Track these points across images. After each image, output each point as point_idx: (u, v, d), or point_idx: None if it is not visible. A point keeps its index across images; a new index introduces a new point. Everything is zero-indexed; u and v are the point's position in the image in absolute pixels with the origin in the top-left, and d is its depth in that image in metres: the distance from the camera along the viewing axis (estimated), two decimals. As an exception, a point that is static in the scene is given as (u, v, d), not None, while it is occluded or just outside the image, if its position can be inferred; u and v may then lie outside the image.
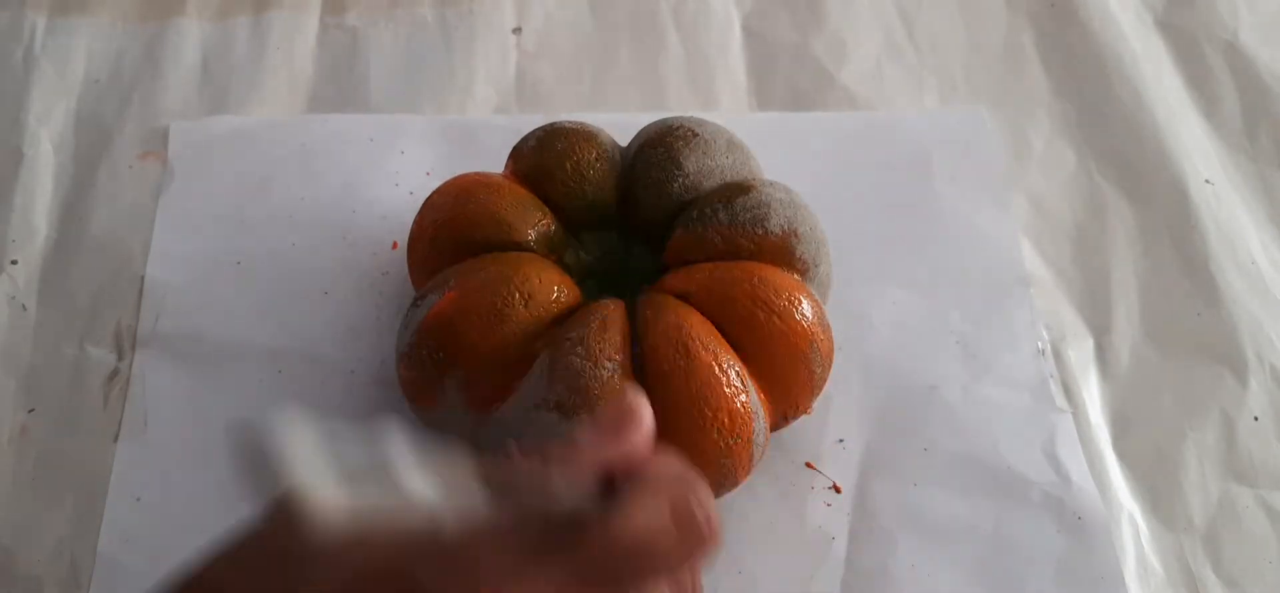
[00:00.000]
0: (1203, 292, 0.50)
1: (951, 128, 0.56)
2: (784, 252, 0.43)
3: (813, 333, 0.41)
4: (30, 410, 0.46)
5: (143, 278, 0.50)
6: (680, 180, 0.44)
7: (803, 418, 0.44)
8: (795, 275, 0.43)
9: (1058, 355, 0.48)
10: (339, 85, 0.57)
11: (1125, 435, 0.47)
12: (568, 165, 0.45)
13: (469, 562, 0.26)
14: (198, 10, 0.60)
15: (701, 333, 0.40)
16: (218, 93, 0.57)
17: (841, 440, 0.46)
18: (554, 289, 0.41)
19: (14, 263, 0.50)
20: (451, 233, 0.44)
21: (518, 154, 0.47)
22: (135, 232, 0.51)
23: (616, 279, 0.44)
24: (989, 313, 0.49)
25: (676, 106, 0.57)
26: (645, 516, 0.27)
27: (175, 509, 0.44)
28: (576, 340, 0.39)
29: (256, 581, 0.27)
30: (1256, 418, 0.47)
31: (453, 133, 0.55)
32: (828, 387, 0.44)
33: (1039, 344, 0.48)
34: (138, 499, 0.44)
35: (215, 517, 0.44)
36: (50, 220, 0.52)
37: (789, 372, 0.41)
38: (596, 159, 0.45)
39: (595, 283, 0.44)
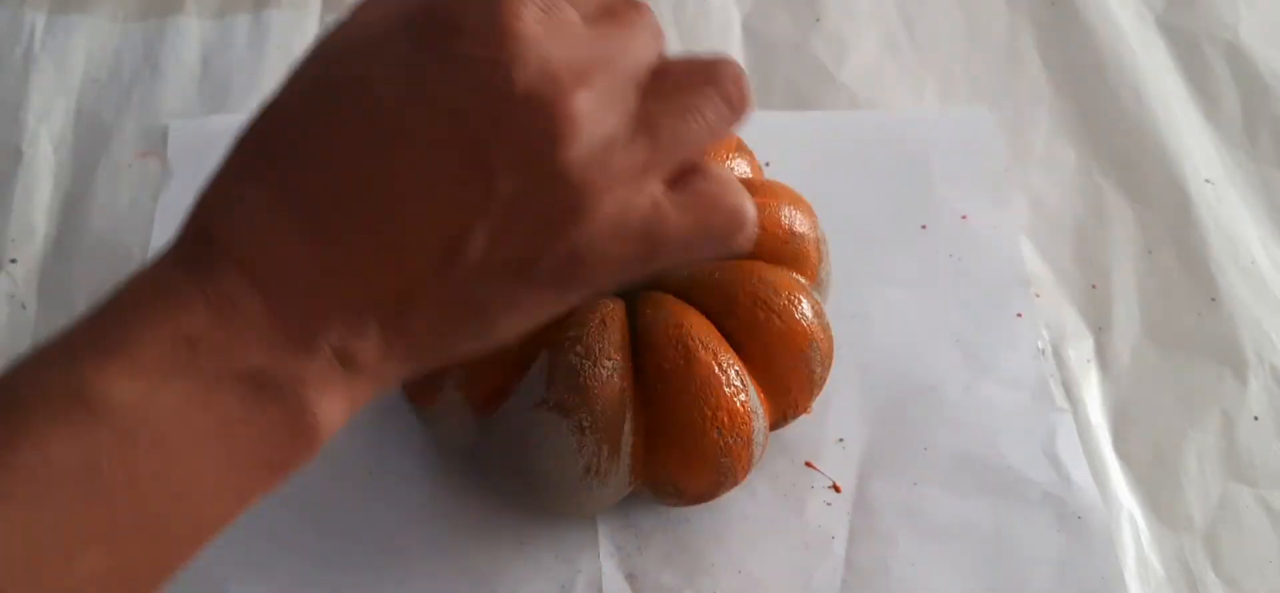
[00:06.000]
0: (1203, 292, 0.50)
1: (951, 128, 0.56)
2: (784, 251, 0.43)
3: (813, 333, 0.41)
4: (29, 409, 0.46)
5: (142, 277, 0.49)
6: (680, 180, 0.44)
7: (803, 418, 0.44)
8: (795, 275, 0.43)
9: (1058, 355, 0.48)
10: (339, 84, 0.57)
11: (1125, 435, 0.47)
12: (568, 164, 0.45)
13: None
14: (197, 8, 0.60)
15: (701, 332, 0.40)
16: (217, 91, 0.57)
17: (841, 440, 0.46)
18: (554, 288, 0.41)
19: (13, 262, 0.50)
20: (451, 232, 0.44)
21: (518, 153, 0.46)
22: (135, 231, 0.51)
23: (616, 278, 0.44)
24: (989, 312, 0.49)
25: (676, 106, 0.57)
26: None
27: (174, 509, 0.44)
28: (576, 339, 0.39)
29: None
30: (1256, 418, 0.47)
31: (452, 132, 0.55)
32: (828, 387, 0.44)
33: (1039, 344, 0.48)
34: (137, 498, 0.44)
35: (215, 516, 0.44)
36: (50, 219, 0.52)
37: (789, 371, 0.41)
38: (596, 158, 0.45)
39: (595, 282, 0.44)
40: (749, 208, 0.31)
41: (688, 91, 0.30)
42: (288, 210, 0.28)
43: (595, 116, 0.28)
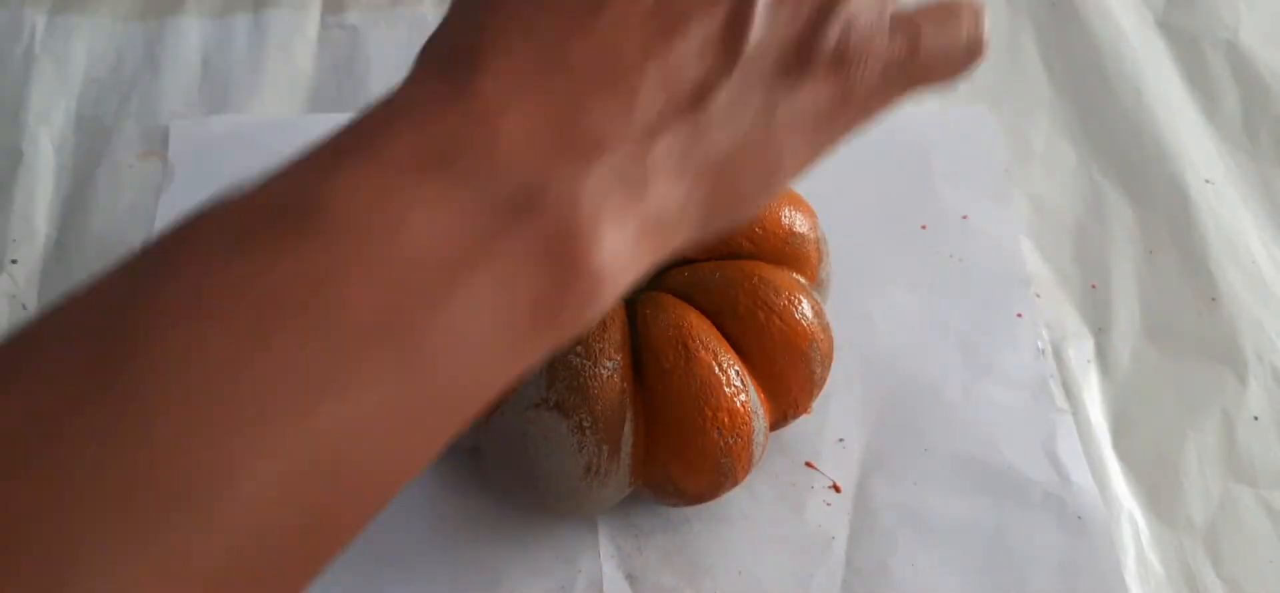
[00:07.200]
0: (1203, 292, 0.50)
1: (951, 127, 0.56)
2: (784, 251, 0.43)
3: (813, 333, 0.41)
4: (30, 410, 0.46)
5: (142, 277, 0.50)
6: (680, 180, 0.44)
7: (803, 418, 0.44)
8: (795, 275, 0.43)
9: (1058, 355, 0.48)
10: (339, 84, 0.57)
11: (1125, 435, 0.47)
12: (568, 165, 0.45)
13: None
14: (197, 8, 0.60)
15: (701, 332, 0.40)
16: (218, 92, 0.57)
17: (841, 440, 0.46)
18: (554, 289, 0.41)
19: (14, 262, 0.50)
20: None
21: (518, 153, 0.46)
22: (135, 231, 0.51)
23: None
24: (989, 313, 0.49)
25: (676, 106, 0.57)
26: None
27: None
28: (576, 339, 0.39)
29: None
30: (1256, 418, 0.47)
31: (453, 132, 0.55)
32: (828, 387, 0.44)
33: (1039, 344, 0.48)
34: (137, 499, 0.44)
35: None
36: (50, 220, 0.52)
37: (789, 372, 0.41)
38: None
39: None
40: (986, 21, 0.30)
41: None
42: (555, 8, 0.25)
43: None
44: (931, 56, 0.30)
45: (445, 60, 0.25)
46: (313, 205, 0.22)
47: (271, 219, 0.21)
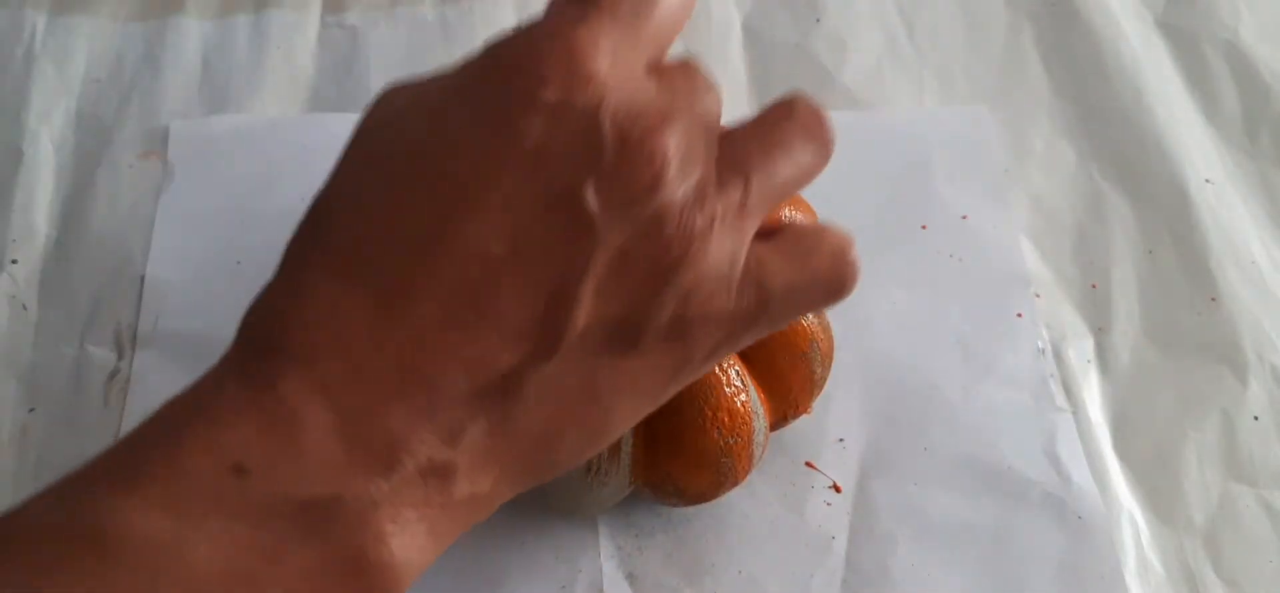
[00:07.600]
0: (1203, 291, 0.50)
1: (951, 128, 0.56)
2: (784, 251, 0.43)
3: (813, 333, 0.41)
4: (30, 410, 0.46)
5: (143, 277, 0.50)
6: (680, 180, 0.44)
7: (803, 418, 0.44)
8: (795, 275, 0.43)
9: (1058, 355, 0.48)
10: (339, 85, 0.57)
11: (1125, 435, 0.47)
12: (568, 165, 0.45)
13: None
14: (198, 9, 0.60)
15: (702, 333, 0.40)
16: (218, 92, 0.57)
17: (841, 440, 0.46)
18: (554, 289, 0.41)
19: (14, 262, 0.50)
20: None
21: (518, 154, 0.46)
22: (135, 231, 0.51)
23: (617, 279, 0.44)
24: (989, 312, 0.49)
25: (676, 106, 0.57)
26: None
27: (175, 509, 0.44)
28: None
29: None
30: (1256, 418, 0.47)
31: (453, 132, 0.55)
32: (828, 387, 0.44)
33: (1039, 344, 0.48)
34: (138, 499, 0.44)
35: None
36: (50, 220, 0.52)
37: (789, 372, 0.41)
38: (597, 159, 0.45)
39: (595, 283, 0.44)
40: (853, 251, 0.29)
41: (769, 131, 0.29)
42: (363, 293, 0.24)
43: (686, 155, 0.26)
44: (785, 303, 0.29)
45: (254, 351, 0.25)
46: (105, 531, 0.22)
47: (65, 544, 0.22)
